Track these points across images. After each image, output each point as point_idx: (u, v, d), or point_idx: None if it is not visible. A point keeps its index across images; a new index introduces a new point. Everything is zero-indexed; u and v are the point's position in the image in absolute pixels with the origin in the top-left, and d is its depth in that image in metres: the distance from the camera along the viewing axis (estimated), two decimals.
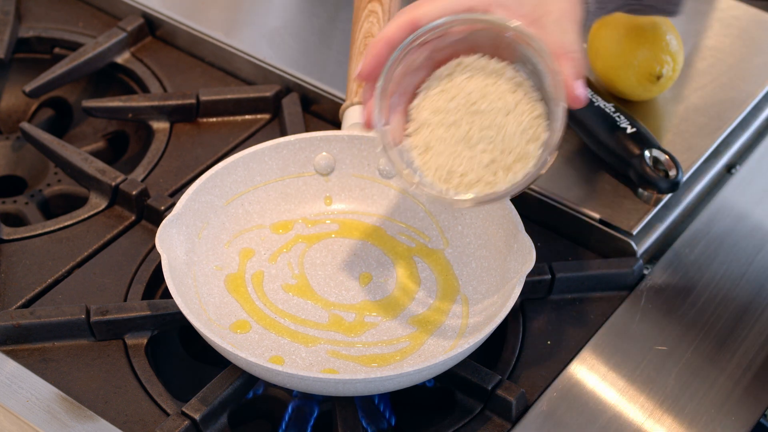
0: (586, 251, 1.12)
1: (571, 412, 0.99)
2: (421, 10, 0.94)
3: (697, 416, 0.99)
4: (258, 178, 1.10)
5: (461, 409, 0.99)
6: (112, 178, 1.14)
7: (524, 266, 0.99)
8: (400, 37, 0.94)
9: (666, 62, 1.16)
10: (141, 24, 1.31)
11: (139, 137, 1.29)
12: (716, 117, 1.20)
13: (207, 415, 0.96)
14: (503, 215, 1.05)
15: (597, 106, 1.14)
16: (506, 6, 0.94)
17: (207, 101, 1.23)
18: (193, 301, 1.01)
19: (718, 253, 1.11)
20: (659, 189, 1.11)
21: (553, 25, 0.95)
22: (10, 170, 1.28)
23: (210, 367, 1.05)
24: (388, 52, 0.95)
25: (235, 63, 1.28)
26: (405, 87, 0.97)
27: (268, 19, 1.32)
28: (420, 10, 0.94)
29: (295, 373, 0.93)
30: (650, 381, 1.01)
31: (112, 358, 1.02)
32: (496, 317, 0.96)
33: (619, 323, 1.05)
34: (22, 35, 1.32)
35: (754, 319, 1.06)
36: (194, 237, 1.05)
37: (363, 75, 0.96)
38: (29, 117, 1.33)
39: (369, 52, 0.95)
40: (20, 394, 0.98)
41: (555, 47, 0.94)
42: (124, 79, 1.30)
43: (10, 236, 1.11)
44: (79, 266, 1.09)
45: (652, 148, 1.11)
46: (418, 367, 0.93)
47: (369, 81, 0.96)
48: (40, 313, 1.02)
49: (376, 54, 0.95)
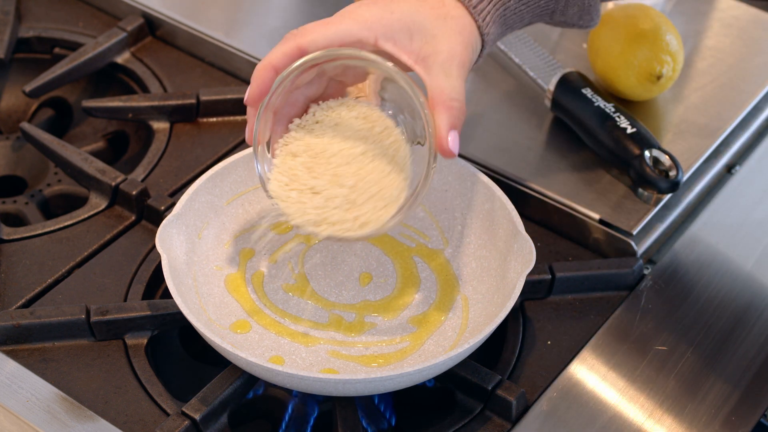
0: (586, 251, 1.12)
1: (571, 412, 0.99)
2: (308, 37, 0.93)
3: (697, 416, 0.99)
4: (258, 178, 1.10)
5: (461, 409, 0.99)
6: (112, 178, 1.14)
7: (524, 266, 0.99)
8: (285, 63, 0.93)
9: (666, 62, 1.16)
10: (141, 24, 1.31)
11: (139, 137, 1.29)
12: (716, 117, 1.20)
13: (207, 415, 0.96)
14: (503, 215, 1.05)
15: (597, 106, 1.14)
16: (395, 40, 0.93)
17: (207, 101, 1.23)
18: (193, 301, 1.01)
19: (718, 253, 1.11)
20: (659, 189, 1.11)
21: (438, 68, 0.92)
22: (10, 170, 1.28)
23: (210, 367, 1.05)
24: (272, 78, 0.94)
25: (235, 63, 1.28)
26: (295, 99, 0.97)
27: (268, 19, 1.32)
28: (307, 38, 0.93)
29: (295, 373, 0.93)
30: (650, 381, 1.01)
31: (112, 358, 1.02)
32: (496, 317, 0.96)
33: (619, 323, 1.05)
34: (22, 35, 1.32)
35: (754, 319, 1.06)
36: (194, 237, 1.05)
37: (249, 102, 0.95)
38: (29, 117, 1.33)
39: (254, 78, 0.94)
40: (20, 394, 0.98)
41: (435, 93, 0.92)
42: (124, 79, 1.30)
43: (10, 236, 1.11)
44: (79, 266, 1.09)
45: (652, 148, 1.11)
46: (418, 367, 0.93)
47: (254, 107, 0.95)
48: (40, 313, 1.02)
49: (261, 82, 0.94)
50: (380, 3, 0.94)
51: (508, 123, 1.20)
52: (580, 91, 1.15)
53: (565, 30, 1.29)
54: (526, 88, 1.22)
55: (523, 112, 1.20)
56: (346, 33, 0.93)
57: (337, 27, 0.93)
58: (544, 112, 1.20)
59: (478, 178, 1.07)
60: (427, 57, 0.93)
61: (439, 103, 0.92)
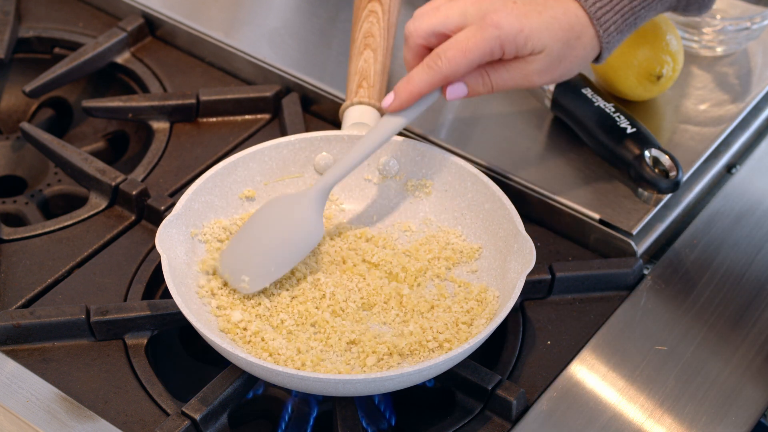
0: (586, 251, 1.12)
1: (571, 412, 0.99)
2: (451, 67, 0.99)
3: (697, 416, 0.99)
4: (258, 178, 1.10)
5: (461, 409, 0.99)
6: (112, 178, 1.14)
7: (524, 266, 0.99)
8: (429, 91, 1.02)
9: (666, 62, 1.16)
10: (141, 24, 1.31)
11: (139, 137, 1.29)
12: (716, 117, 1.20)
13: (207, 415, 0.96)
14: (503, 215, 1.05)
15: (597, 106, 1.14)
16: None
17: (207, 101, 1.23)
18: (193, 301, 1.01)
19: (718, 253, 1.11)
20: (659, 189, 1.11)
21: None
22: (10, 170, 1.28)
23: (210, 367, 1.05)
24: (415, 99, 1.02)
25: (235, 63, 1.28)
26: None
27: (268, 19, 1.32)
28: (450, 67, 0.99)
29: (295, 373, 0.93)
30: (650, 381, 1.01)
31: (112, 358, 1.02)
32: (496, 317, 0.96)
33: (619, 323, 1.05)
34: (22, 35, 1.32)
35: (754, 319, 1.06)
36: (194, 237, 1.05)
37: (390, 109, 1.02)
38: (29, 117, 1.33)
39: (400, 98, 1.01)
40: (20, 394, 0.98)
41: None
42: (124, 79, 1.30)
43: (10, 236, 1.11)
44: (79, 266, 1.09)
45: (652, 148, 1.11)
46: (418, 367, 0.93)
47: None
48: (40, 313, 1.02)
49: (405, 102, 1.02)
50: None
51: (508, 123, 1.20)
52: (580, 91, 1.15)
53: None
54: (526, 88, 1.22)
55: (523, 112, 1.20)
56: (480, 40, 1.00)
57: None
58: (544, 112, 1.20)
59: (478, 178, 1.07)
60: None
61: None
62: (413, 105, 1.02)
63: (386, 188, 1.12)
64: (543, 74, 1.01)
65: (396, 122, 1.03)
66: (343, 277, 1.05)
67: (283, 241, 1.03)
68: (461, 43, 0.98)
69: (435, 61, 0.99)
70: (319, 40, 1.29)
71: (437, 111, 1.22)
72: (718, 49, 1.26)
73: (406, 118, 1.03)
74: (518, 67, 1.01)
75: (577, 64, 1.03)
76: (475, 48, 0.98)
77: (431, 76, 1.00)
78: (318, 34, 1.30)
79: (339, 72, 1.23)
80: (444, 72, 0.99)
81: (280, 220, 1.03)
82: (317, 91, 1.23)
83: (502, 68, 1.01)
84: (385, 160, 1.11)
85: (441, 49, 0.99)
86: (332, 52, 1.27)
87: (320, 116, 1.24)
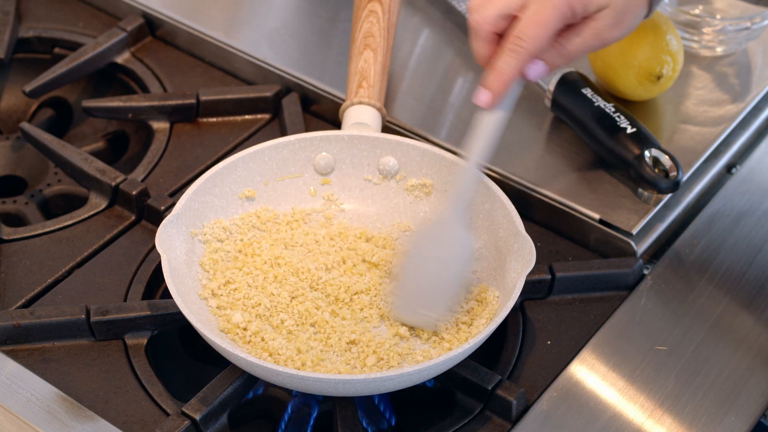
0: (586, 251, 1.12)
1: (571, 412, 0.99)
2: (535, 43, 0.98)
3: (697, 416, 0.99)
4: (258, 178, 1.10)
5: (461, 409, 0.99)
6: (112, 178, 1.14)
7: (524, 266, 0.99)
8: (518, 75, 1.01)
9: (666, 62, 1.16)
10: (141, 24, 1.31)
11: (139, 137, 1.29)
12: (716, 117, 1.20)
13: (207, 415, 0.96)
14: (503, 215, 1.05)
15: (597, 106, 1.14)
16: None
17: (207, 101, 1.23)
18: (193, 301, 1.01)
19: (718, 253, 1.11)
20: (659, 189, 1.11)
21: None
22: (10, 170, 1.28)
23: (210, 367, 1.05)
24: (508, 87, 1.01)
25: (235, 63, 1.28)
26: None
27: (268, 19, 1.32)
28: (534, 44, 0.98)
29: (295, 373, 0.93)
30: (650, 381, 1.01)
31: (112, 358, 1.02)
32: (496, 317, 0.96)
33: (619, 323, 1.05)
34: (22, 35, 1.32)
35: (754, 319, 1.06)
36: (194, 237, 1.05)
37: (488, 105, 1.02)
38: (29, 117, 1.33)
39: (495, 90, 1.01)
40: (20, 394, 0.98)
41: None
42: (124, 79, 1.30)
43: (10, 236, 1.11)
44: (79, 266, 1.09)
45: (652, 148, 1.11)
46: (418, 367, 0.93)
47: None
48: (40, 313, 1.02)
49: (501, 93, 1.01)
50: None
51: (508, 123, 1.19)
52: (580, 91, 1.15)
53: None
54: (526, 88, 1.22)
55: (523, 112, 1.20)
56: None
57: None
58: (544, 112, 1.20)
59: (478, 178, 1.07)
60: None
61: None
62: (507, 95, 1.02)
63: (386, 188, 1.12)
64: (612, 29, 1.01)
65: (499, 116, 1.02)
66: (343, 277, 1.05)
67: (445, 267, 1.02)
68: (535, 17, 0.98)
69: (517, 44, 0.99)
70: (319, 40, 1.29)
71: (438, 111, 1.22)
72: (718, 49, 1.26)
73: (505, 110, 1.02)
74: (588, 27, 1.01)
75: (637, 15, 1.03)
76: (550, 18, 0.98)
77: (518, 59, 0.99)
78: (318, 34, 1.30)
79: (339, 72, 1.23)
80: (530, 51, 0.99)
81: (433, 249, 1.03)
82: (317, 91, 1.23)
83: (573, 34, 1.01)
84: (385, 160, 1.11)
85: (517, 30, 0.99)
86: (332, 52, 1.27)
87: (320, 116, 1.24)
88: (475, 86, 1.23)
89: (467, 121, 1.19)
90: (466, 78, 1.25)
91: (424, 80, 1.24)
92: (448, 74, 1.25)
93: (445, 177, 1.10)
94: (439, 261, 1.02)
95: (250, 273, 1.04)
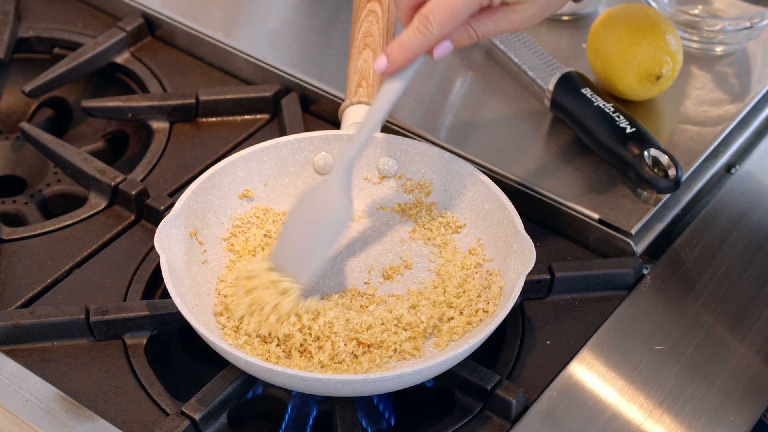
0: (586, 251, 1.12)
1: (570, 412, 0.99)
2: (443, 30, 0.96)
3: (697, 416, 0.99)
4: (257, 178, 1.10)
5: (461, 409, 0.99)
6: (112, 178, 1.14)
7: (524, 266, 0.99)
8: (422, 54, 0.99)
9: (666, 62, 1.16)
10: (141, 24, 1.31)
11: (139, 137, 1.29)
12: (716, 117, 1.20)
13: (207, 415, 0.96)
14: (503, 215, 1.05)
15: (597, 106, 1.14)
16: None
17: (207, 101, 1.23)
18: (192, 301, 1.01)
19: (718, 253, 1.11)
20: (659, 189, 1.11)
21: None
22: (10, 170, 1.28)
23: (210, 367, 1.05)
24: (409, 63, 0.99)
25: (235, 63, 1.28)
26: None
27: (268, 19, 1.32)
28: (441, 30, 0.96)
29: (295, 373, 0.93)
30: (650, 381, 1.01)
31: (112, 358, 1.02)
32: (496, 317, 0.96)
33: (619, 323, 1.05)
34: (22, 35, 1.32)
35: (753, 319, 1.06)
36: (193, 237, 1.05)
37: (385, 72, 1.00)
38: (29, 117, 1.33)
39: (395, 63, 0.99)
40: (20, 394, 0.98)
41: None
42: (124, 79, 1.30)
43: (10, 236, 1.11)
44: (78, 266, 1.09)
45: (652, 148, 1.11)
46: (418, 367, 0.93)
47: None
48: (39, 313, 1.02)
49: (400, 67, 0.99)
50: None
51: (508, 123, 1.20)
52: (580, 91, 1.15)
53: (565, 30, 1.29)
54: (526, 88, 1.22)
55: (523, 112, 1.20)
56: None
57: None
58: (543, 112, 1.20)
59: (478, 178, 1.07)
60: None
61: None
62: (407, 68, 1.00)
63: (386, 188, 1.12)
64: (530, 20, 0.99)
65: (397, 86, 1.00)
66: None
67: (315, 227, 1.02)
68: (448, 3, 0.96)
69: (426, 26, 0.97)
70: (318, 40, 1.29)
71: (437, 111, 1.22)
72: (717, 49, 1.26)
73: (405, 81, 1.01)
74: (506, 17, 0.98)
75: (559, 6, 1.00)
76: (464, 6, 0.96)
77: (423, 41, 0.97)
78: (318, 34, 1.30)
79: (338, 72, 1.23)
80: (436, 36, 0.97)
81: (311, 208, 1.02)
82: (317, 91, 1.23)
83: (488, 20, 0.99)
84: (385, 159, 1.11)
85: (429, 10, 0.96)
86: (332, 52, 1.27)
87: (320, 116, 1.24)
88: (474, 86, 1.23)
89: (467, 121, 1.19)
90: (465, 78, 1.25)
91: (424, 80, 1.24)
92: (447, 74, 1.25)
93: (445, 177, 1.10)
94: (312, 222, 1.01)
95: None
